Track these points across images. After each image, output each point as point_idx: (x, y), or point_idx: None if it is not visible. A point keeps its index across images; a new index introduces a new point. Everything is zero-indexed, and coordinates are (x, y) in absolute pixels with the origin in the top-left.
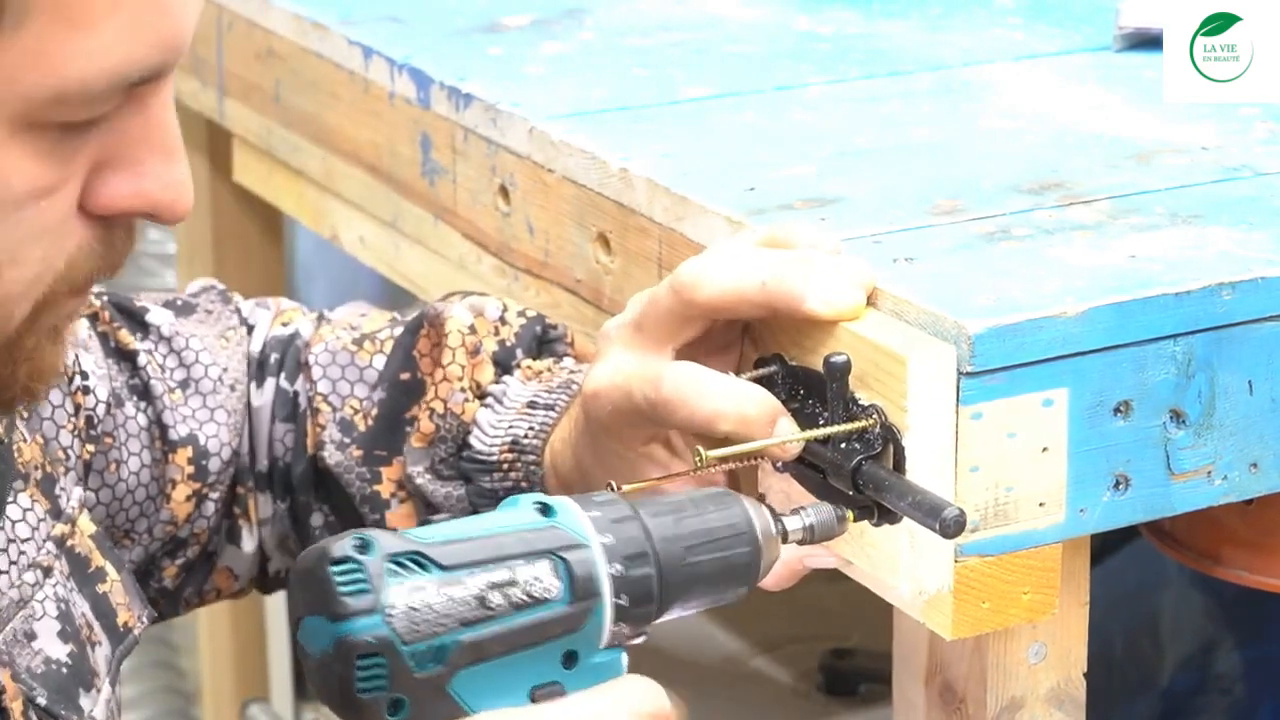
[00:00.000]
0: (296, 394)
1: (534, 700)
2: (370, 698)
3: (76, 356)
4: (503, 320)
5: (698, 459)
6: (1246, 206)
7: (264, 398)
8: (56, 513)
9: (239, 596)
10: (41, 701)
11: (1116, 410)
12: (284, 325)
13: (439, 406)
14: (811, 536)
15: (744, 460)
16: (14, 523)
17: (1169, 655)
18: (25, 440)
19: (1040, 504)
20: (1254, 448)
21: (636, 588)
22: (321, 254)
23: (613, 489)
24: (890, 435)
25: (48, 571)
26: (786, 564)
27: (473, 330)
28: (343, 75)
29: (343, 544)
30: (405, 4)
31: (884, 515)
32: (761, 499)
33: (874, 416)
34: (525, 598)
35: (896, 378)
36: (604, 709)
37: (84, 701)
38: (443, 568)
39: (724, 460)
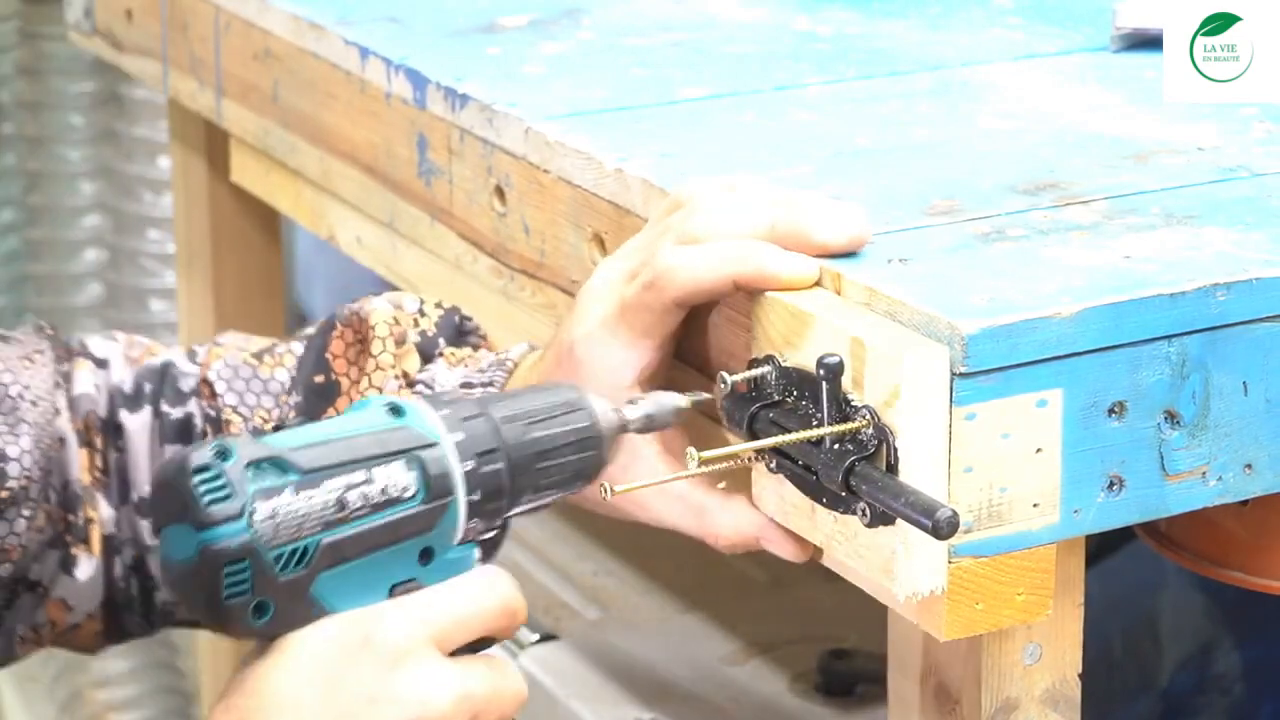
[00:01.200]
0: (189, 415)
1: (392, 595)
2: (235, 603)
3: None
4: (421, 312)
5: (691, 460)
6: (1243, 207)
7: (140, 424)
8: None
9: (86, 641)
10: None
11: (1111, 411)
12: (152, 356)
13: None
14: (650, 424)
15: (737, 460)
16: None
17: (1168, 655)
18: None
19: (1034, 505)
20: (1248, 448)
21: (488, 482)
22: (321, 255)
23: (604, 491)
24: (883, 436)
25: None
26: (740, 534)
27: (396, 322)
28: (340, 75)
29: (202, 452)
30: (403, 4)
31: (877, 516)
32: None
33: (867, 417)
34: (382, 498)
35: (890, 378)
36: (459, 598)
37: None
38: (302, 471)
39: (717, 460)
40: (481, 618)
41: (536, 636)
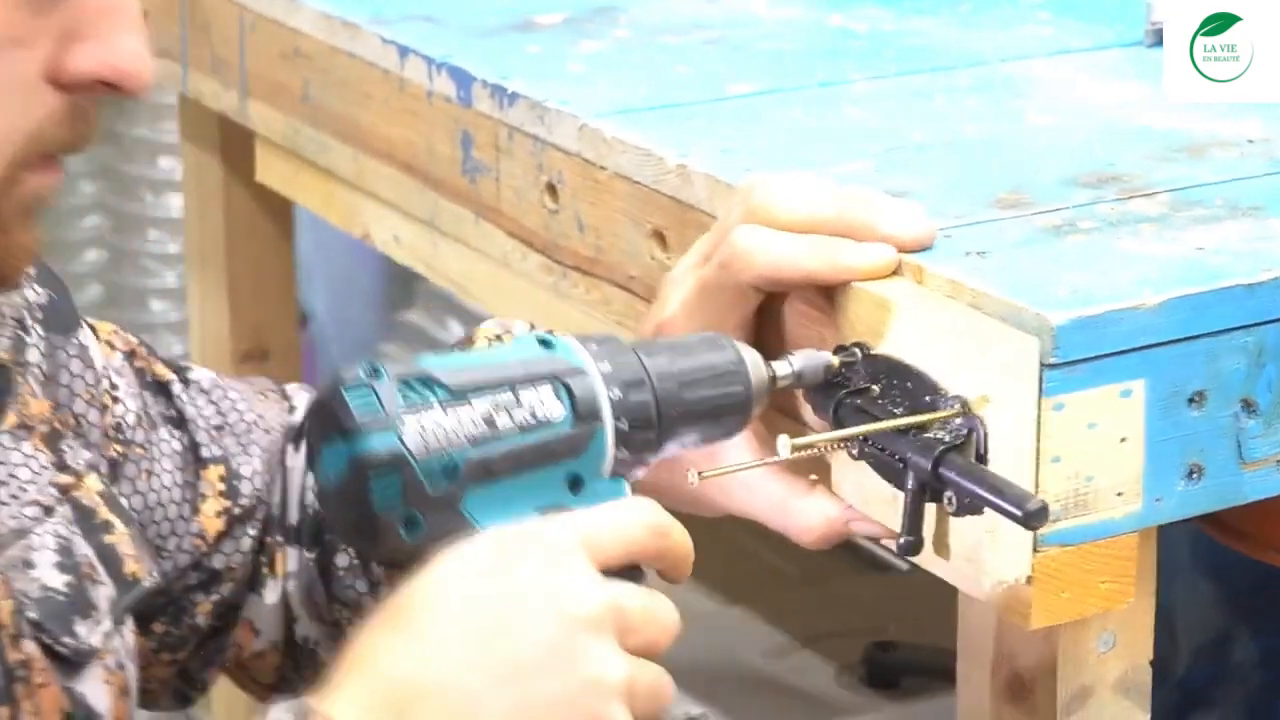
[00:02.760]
0: None
1: None
2: (387, 515)
3: (106, 367)
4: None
5: (783, 447)
6: None
7: (299, 460)
8: (61, 465)
9: (265, 673)
10: (33, 615)
11: (1191, 400)
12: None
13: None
14: (799, 381)
15: (826, 448)
16: (15, 466)
17: (1184, 646)
18: (35, 396)
19: (1118, 494)
20: None
21: (636, 412)
22: (321, 254)
23: (692, 476)
24: (973, 426)
25: (49, 510)
26: (830, 522)
27: (499, 337)
28: (376, 74)
29: (353, 370)
30: (434, 2)
31: (964, 506)
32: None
33: (956, 407)
34: (530, 419)
35: (981, 369)
36: (613, 513)
37: (79, 628)
38: (450, 390)
39: (808, 447)
40: (635, 535)
41: None
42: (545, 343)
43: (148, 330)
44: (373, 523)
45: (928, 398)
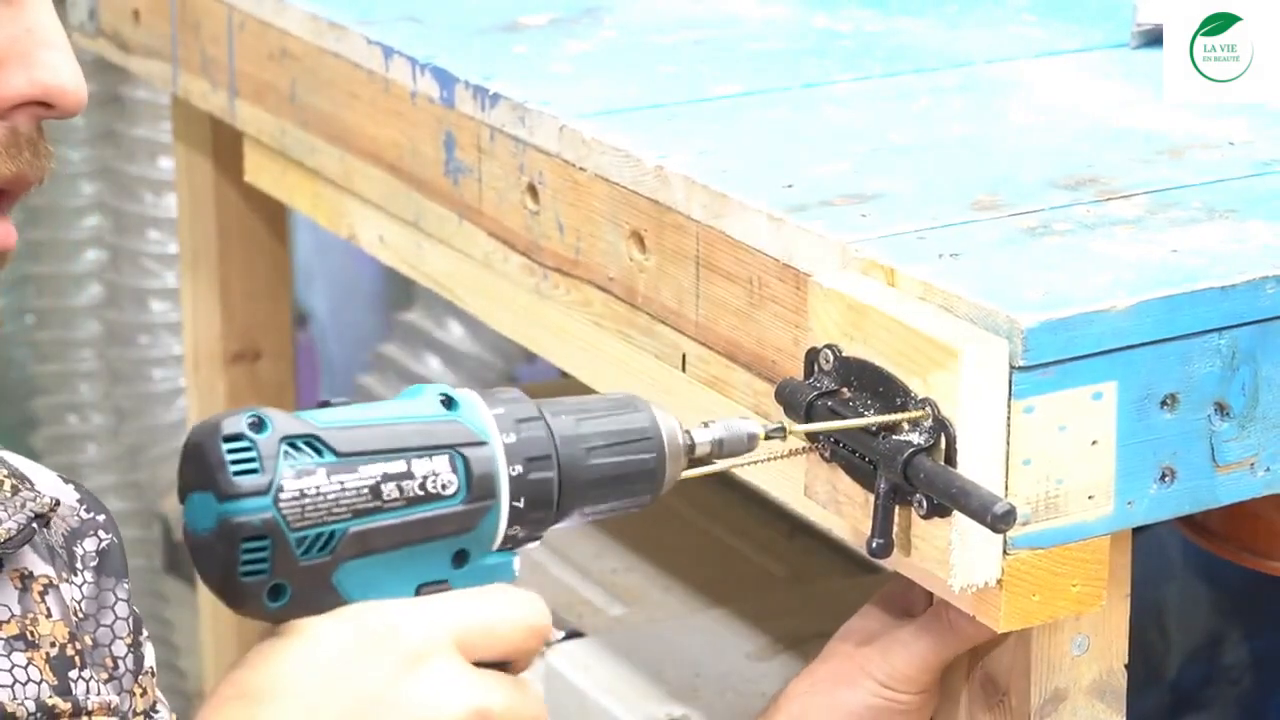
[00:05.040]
0: None
1: (419, 596)
2: (252, 581)
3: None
4: None
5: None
6: None
7: None
8: (62, 690)
9: None
10: None
11: (1163, 403)
12: None
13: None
14: (720, 451)
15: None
16: None
17: (1176, 647)
18: (49, 616)
19: (1090, 496)
20: None
21: (536, 491)
22: (321, 256)
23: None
24: (943, 428)
25: (11, 718)
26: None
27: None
28: (361, 75)
29: (237, 420)
30: (421, 3)
31: (933, 508)
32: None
33: (927, 409)
34: (420, 492)
35: (950, 371)
36: (490, 606)
37: None
38: (338, 454)
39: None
40: (511, 633)
41: (563, 634)
42: (449, 401)
43: (148, 330)
44: (236, 585)
45: (898, 400)
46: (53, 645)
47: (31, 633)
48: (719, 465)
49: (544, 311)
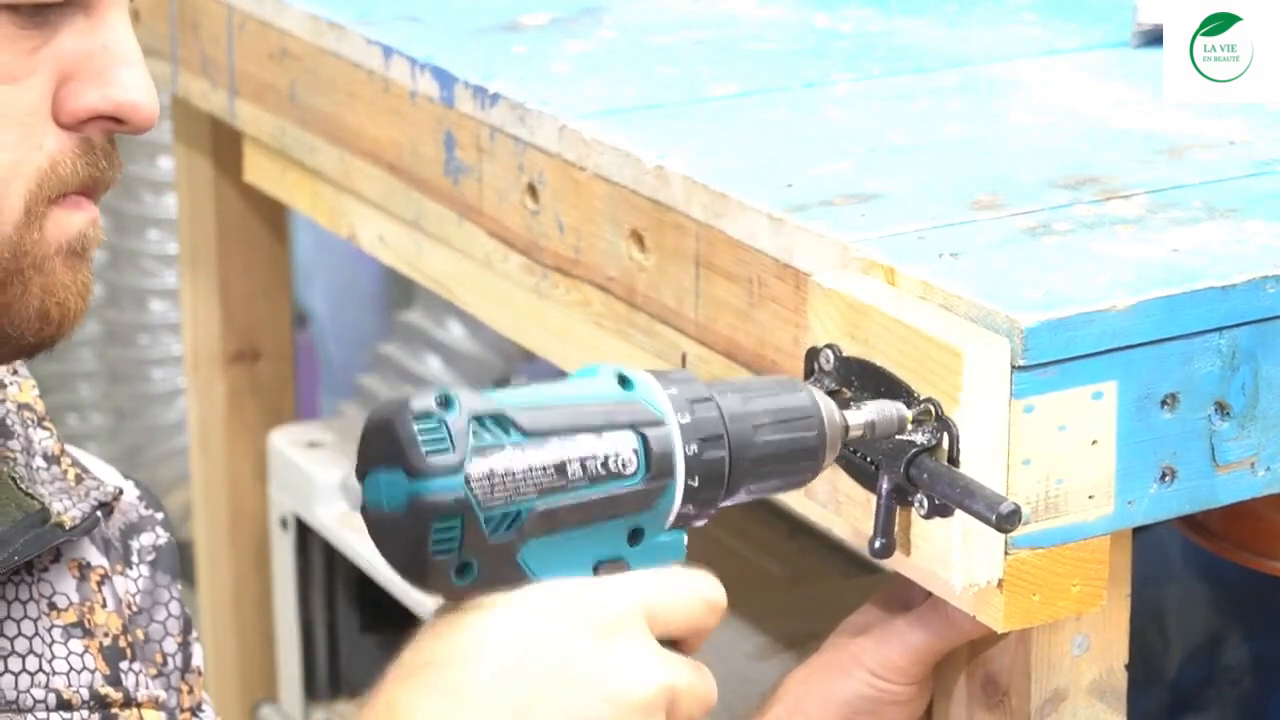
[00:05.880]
0: None
1: (596, 573)
2: (440, 559)
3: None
4: None
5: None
6: None
7: None
8: (114, 680)
9: None
10: None
11: (1163, 403)
12: None
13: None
14: (872, 432)
15: None
16: (55, 655)
17: (1176, 647)
18: (104, 606)
19: (1090, 496)
20: None
21: (709, 469)
22: (321, 255)
23: None
24: (946, 428)
25: (67, 705)
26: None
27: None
28: (361, 75)
29: (426, 398)
30: (421, 3)
31: (935, 508)
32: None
33: (930, 409)
34: (603, 470)
35: (952, 371)
36: (670, 586)
37: None
38: (525, 433)
39: None
40: (693, 609)
41: None
42: (624, 381)
43: (148, 330)
44: (424, 562)
45: (900, 400)
46: (106, 635)
47: (89, 621)
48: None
49: (544, 311)
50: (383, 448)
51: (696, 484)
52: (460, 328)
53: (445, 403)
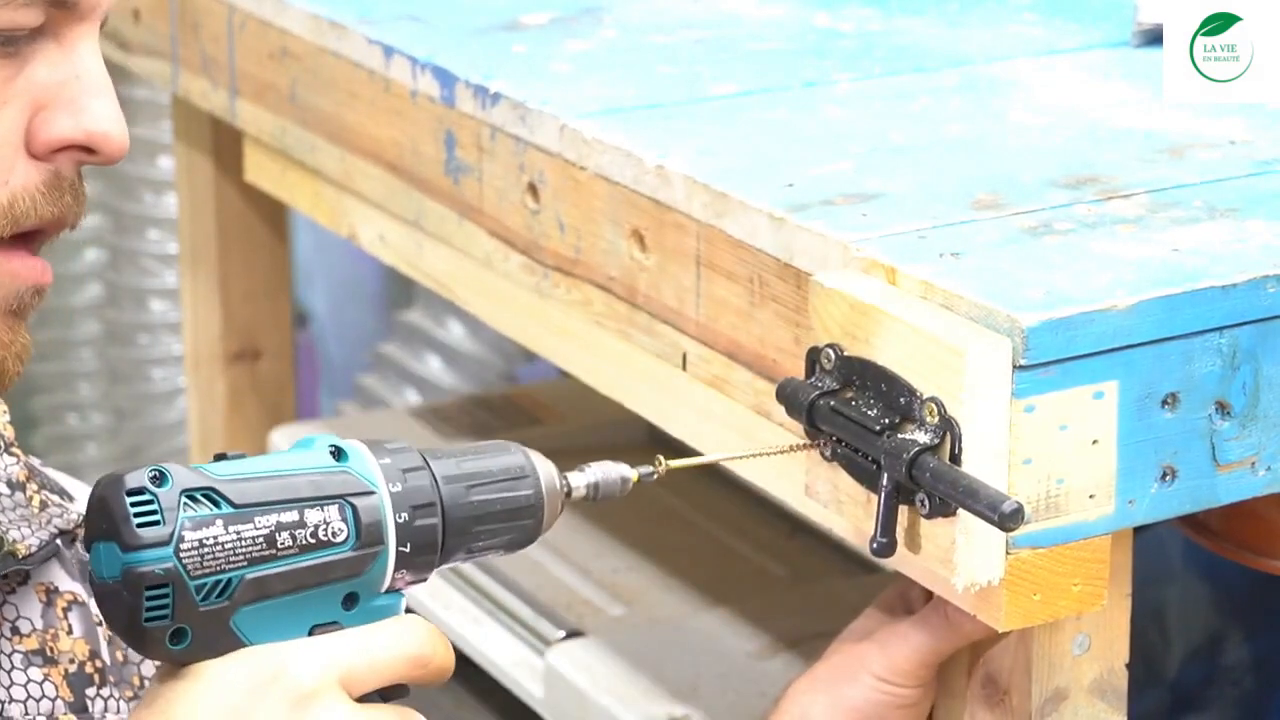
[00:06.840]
0: None
1: (312, 635)
2: (154, 626)
3: None
4: None
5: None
6: None
7: None
8: (78, 708)
9: None
10: None
11: (1164, 402)
12: None
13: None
14: (595, 494)
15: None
16: (10, 684)
17: (1177, 647)
18: (70, 633)
19: (1090, 496)
20: None
21: (421, 536)
22: (321, 254)
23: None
24: (948, 428)
25: None
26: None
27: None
28: (362, 74)
29: (139, 474)
30: (422, 3)
31: (936, 507)
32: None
33: (932, 409)
34: (312, 540)
35: (953, 370)
36: (372, 642)
37: None
38: (235, 505)
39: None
40: (394, 664)
41: (563, 633)
42: (338, 452)
43: (147, 330)
44: (141, 630)
45: (902, 399)
46: (71, 662)
47: (51, 648)
48: (707, 459)
49: (544, 311)
50: (101, 523)
51: (409, 550)
52: (460, 327)
53: (159, 479)
